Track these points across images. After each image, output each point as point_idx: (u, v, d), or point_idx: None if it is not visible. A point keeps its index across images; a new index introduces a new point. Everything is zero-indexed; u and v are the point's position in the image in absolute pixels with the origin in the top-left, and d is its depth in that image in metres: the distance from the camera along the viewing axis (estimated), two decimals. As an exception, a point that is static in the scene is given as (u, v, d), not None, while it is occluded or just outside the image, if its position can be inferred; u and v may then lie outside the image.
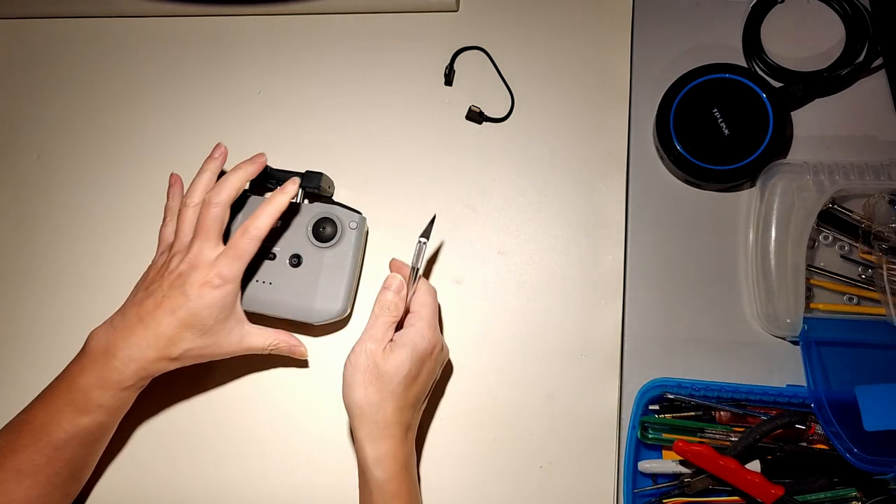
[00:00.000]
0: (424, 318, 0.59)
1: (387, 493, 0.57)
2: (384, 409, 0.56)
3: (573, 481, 0.65)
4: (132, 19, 0.79)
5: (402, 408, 0.58)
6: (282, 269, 0.66)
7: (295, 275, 0.65)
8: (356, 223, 0.67)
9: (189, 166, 0.71)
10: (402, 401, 0.57)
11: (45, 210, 0.77)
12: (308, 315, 0.65)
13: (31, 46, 0.80)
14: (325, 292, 0.65)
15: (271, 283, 0.65)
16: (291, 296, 0.65)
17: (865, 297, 0.65)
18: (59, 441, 0.59)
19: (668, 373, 0.65)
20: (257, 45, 0.77)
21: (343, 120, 0.74)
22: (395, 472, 0.57)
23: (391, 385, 0.57)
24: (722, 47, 0.71)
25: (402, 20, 0.75)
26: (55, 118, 0.78)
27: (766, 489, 0.59)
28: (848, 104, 0.69)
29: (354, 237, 0.66)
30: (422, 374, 0.59)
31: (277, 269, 0.66)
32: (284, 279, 0.66)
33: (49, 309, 0.75)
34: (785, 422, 0.61)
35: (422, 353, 0.58)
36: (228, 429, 0.70)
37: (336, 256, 0.66)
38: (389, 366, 0.57)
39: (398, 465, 0.57)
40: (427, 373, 0.59)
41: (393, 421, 0.57)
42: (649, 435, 0.63)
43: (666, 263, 0.69)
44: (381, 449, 0.56)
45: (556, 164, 0.71)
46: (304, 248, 0.66)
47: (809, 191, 0.64)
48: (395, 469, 0.57)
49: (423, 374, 0.59)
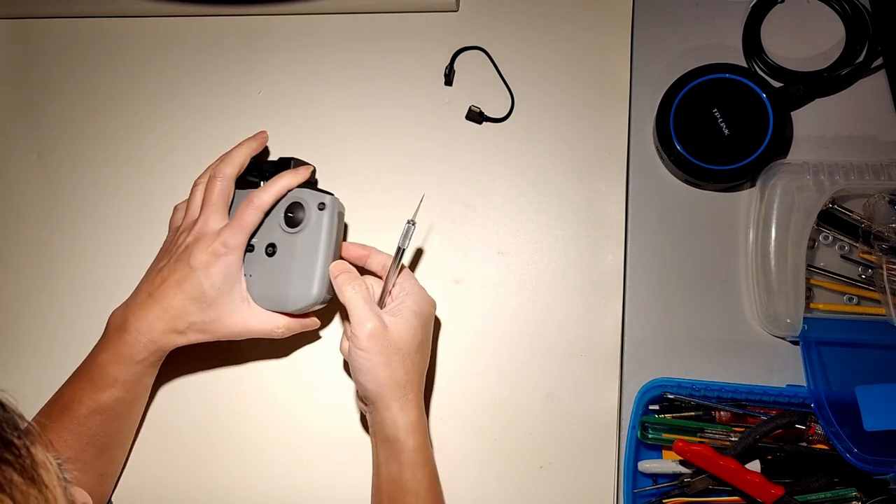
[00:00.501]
0: (416, 286, 0.61)
1: (416, 463, 0.58)
2: (411, 380, 0.58)
3: (573, 481, 0.65)
4: (132, 19, 0.79)
5: (422, 374, 0.60)
6: (259, 260, 0.64)
7: (271, 264, 0.63)
8: (325, 203, 0.63)
9: (189, 166, 0.71)
10: (421, 367, 0.60)
11: (45, 210, 0.77)
12: (283, 304, 0.63)
13: (31, 46, 0.80)
14: (299, 279, 0.62)
15: (251, 276, 0.64)
16: (269, 286, 0.63)
17: (865, 297, 0.65)
18: (80, 416, 0.61)
19: (668, 373, 0.65)
20: (257, 44, 0.77)
21: (343, 120, 0.74)
22: (423, 440, 0.59)
23: (410, 355, 0.58)
24: (722, 47, 0.71)
25: (402, 20, 0.75)
26: (55, 118, 0.78)
27: (766, 489, 0.59)
28: (848, 104, 0.68)
29: (325, 219, 0.63)
30: (429, 337, 0.61)
31: (255, 260, 0.64)
32: (262, 270, 0.64)
33: (49, 309, 0.75)
34: (785, 422, 0.61)
35: (427, 316, 0.61)
36: (228, 427, 0.70)
37: (307, 241, 0.63)
38: (403, 337, 0.58)
39: (424, 433, 0.59)
40: (430, 335, 0.62)
41: (418, 389, 0.59)
42: (649, 435, 0.63)
43: (666, 263, 0.69)
44: (410, 418, 0.58)
45: (556, 164, 0.71)
46: (277, 237, 0.64)
47: (809, 191, 0.64)
48: (422, 437, 0.59)
49: (429, 337, 0.61)
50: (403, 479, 0.58)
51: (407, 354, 0.58)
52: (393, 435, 0.57)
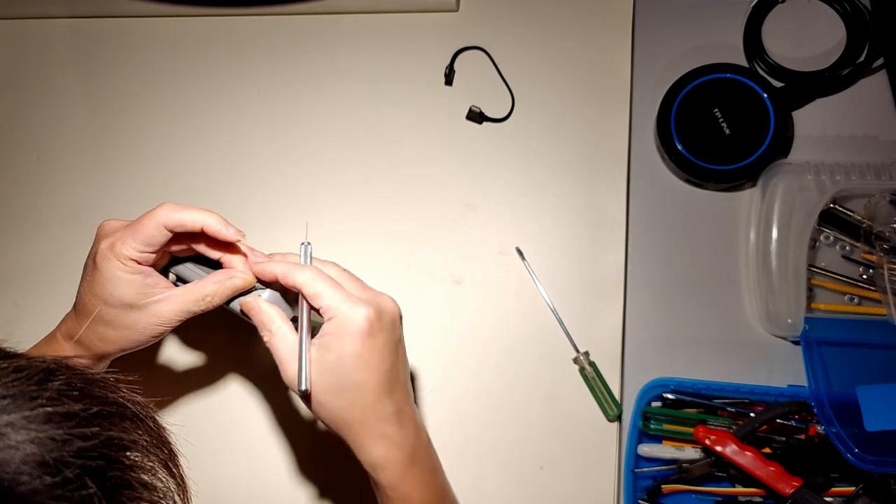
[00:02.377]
0: (336, 304, 0.51)
1: (398, 497, 0.52)
2: (355, 414, 0.51)
3: (573, 481, 0.65)
4: (132, 19, 0.79)
5: (375, 402, 0.51)
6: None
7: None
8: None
9: (189, 166, 0.72)
10: (372, 396, 0.51)
11: (44, 210, 0.76)
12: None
13: (31, 46, 0.80)
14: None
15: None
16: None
17: (866, 297, 0.65)
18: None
19: (668, 373, 0.65)
20: (257, 45, 0.77)
21: (343, 120, 0.74)
22: (400, 470, 0.52)
23: (348, 379, 0.50)
24: (723, 47, 0.71)
25: (402, 20, 0.75)
26: (55, 118, 0.78)
27: (785, 479, 0.59)
28: (849, 104, 0.68)
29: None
30: (374, 352, 0.50)
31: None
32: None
33: (49, 308, 0.74)
34: (784, 411, 0.62)
35: (357, 336, 0.50)
36: (227, 429, 0.70)
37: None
38: (330, 366, 0.50)
39: (401, 461, 0.52)
40: (382, 345, 0.51)
41: (374, 420, 0.51)
42: (651, 425, 0.63)
43: (667, 263, 0.68)
44: (374, 452, 0.51)
45: (556, 164, 0.71)
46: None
47: (810, 191, 0.64)
48: (398, 468, 0.52)
49: (377, 350, 0.51)
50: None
51: (345, 380, 0.50)
52: (370, 474, 0.53)
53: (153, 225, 0.53)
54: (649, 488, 0.63)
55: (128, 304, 0.54)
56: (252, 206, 0.73)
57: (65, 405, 0.33)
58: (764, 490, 0.62)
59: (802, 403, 0.62)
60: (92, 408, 0.34)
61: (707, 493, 0.64)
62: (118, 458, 0.34)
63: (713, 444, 0.60)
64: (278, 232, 0.71)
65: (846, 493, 0.62)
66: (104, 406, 0.35)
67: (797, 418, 0.63)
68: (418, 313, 0.67)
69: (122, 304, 0.55)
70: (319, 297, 0.51)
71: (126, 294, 0.54)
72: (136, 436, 0.36)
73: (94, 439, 0.33)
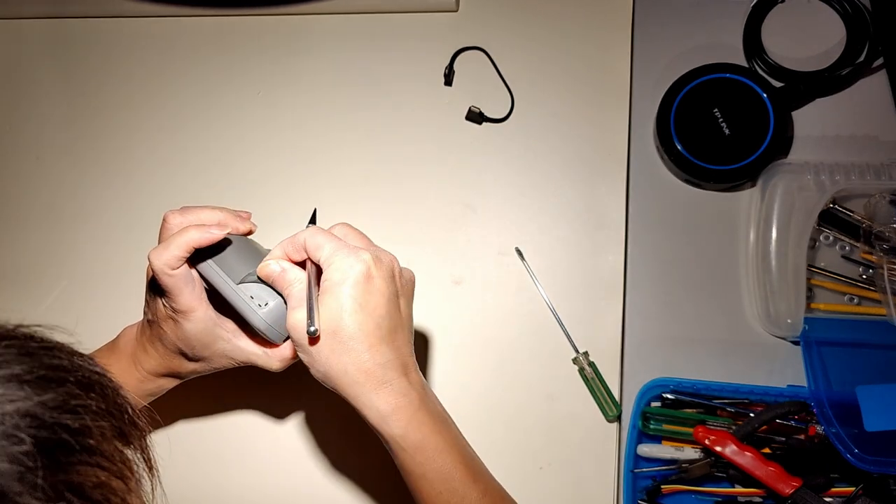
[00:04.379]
0: (336, 252, 0.51)
1: (411, 448, 0.50)
2: (355, 361, 0.49)
3: (573, 481, 0.65)
4: (132, 19, 0.79)
5: (373, 346, 0.50)
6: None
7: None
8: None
9: (189, 166, 0.71)
10: (368, 340, 0.50)
11: (44, 210, 0.77)
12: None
13: (31, 46, 0.80)
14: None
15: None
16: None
17: (866, 297, 0.65)
18: None
19: (668, 373, 0.65)
20: (257, 45, 0.77)
21: (343, 120, 0.74)
22: (408, 417, 0.50)
23: (346, 322, 0.49)
24: (722, 47, 0.71)
25: (402, 20, 0.75)
26: (55, 119, 0.78)
27: (784, 480, 0.60)
28: (848, 104, 0.68)
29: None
30: (371, 296, 0.50)
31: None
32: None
33: (49, 308, 0.74)
34: (784, 411, 0.62)
35: (357, 278, 0.50)
36: (227, 433, 0.70)
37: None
38: (329, 312, 0.49)
39: (408, 408, 0.50)
40: (378, 291, 0.50)
41: (373, 366, 0.50)
42: (650, 426, 0.64)
43: (666, 263, 0.69)
44: (378, 401, 0.50)
45: (556, 164, 0.71)
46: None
47: (810, 191, 0.64)
48: (405, 415, 0.50)
49: (374, 295, 0.50)
50: (411, 470, 0.51)
51: (343, 333, 0.49)
52: (376, 429, 0.51)
53: (184, 248, 0.55)
54: (649, 488, 0.64)
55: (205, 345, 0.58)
56: (252, 206, 0.72)
57: (9, 368, 0.34)
58: (764, 490, 0.62)
59: (802, 403, 0.62)
60: (37, 371, 0.35)
61: (707, 494, 0.64)
62: (59, 421, 0.34)
63: (713, 444, 0.60)
64: (278, 232, 0.71)
65: (846, 493, 0.62)
66: (50, 371, 0.36)
67: (797, 418, 0.63)
68: (418, 313, 0.67)
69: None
70: (319, 248, 0.52)
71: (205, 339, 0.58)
72: (87, 401, 0.36)
73: (33, 399, 0.34)
